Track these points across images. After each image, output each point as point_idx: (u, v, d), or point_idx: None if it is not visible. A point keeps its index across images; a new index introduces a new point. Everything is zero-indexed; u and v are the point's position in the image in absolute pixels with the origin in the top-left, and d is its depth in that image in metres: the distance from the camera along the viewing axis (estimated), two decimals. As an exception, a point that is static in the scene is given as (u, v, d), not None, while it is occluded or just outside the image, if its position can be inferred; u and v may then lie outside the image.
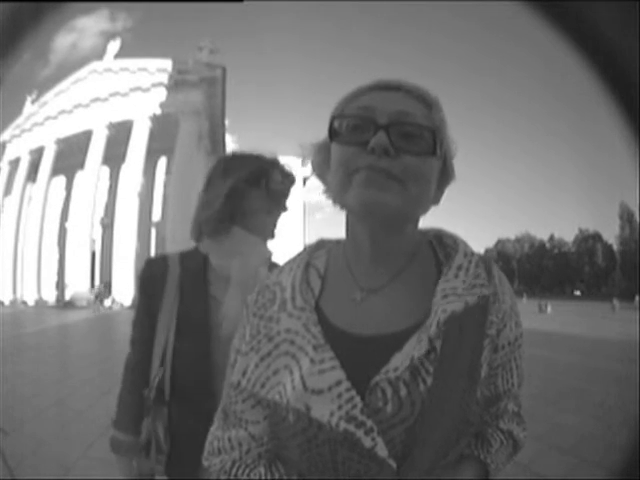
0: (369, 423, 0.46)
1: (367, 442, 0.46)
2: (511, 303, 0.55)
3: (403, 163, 0.48)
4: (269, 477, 0.52)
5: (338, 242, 0.59)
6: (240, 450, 0.55)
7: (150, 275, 1.00)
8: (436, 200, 0.55)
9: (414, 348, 0.48)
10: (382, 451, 0.46)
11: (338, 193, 0.51)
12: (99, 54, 30.03)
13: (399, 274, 0.54)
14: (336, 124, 0.51)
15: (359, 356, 0.50)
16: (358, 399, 0.47)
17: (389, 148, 0.47)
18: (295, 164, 1.48)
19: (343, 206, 0.52)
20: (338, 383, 0.48)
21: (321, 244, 0.62)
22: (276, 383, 0.51)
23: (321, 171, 0.57)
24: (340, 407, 0.47)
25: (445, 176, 0.55)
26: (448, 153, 0.55)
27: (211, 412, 0.72)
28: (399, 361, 0.48)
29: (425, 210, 0.54)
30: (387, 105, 0.50)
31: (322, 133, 0.55)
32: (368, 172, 0.47)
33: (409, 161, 0.48)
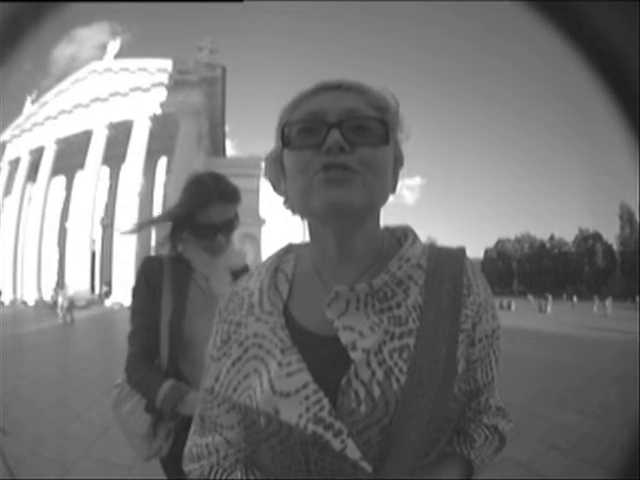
0: (337, 425, 0.46)
1: (336, 444, 0.45)
2: (485, 296, 0.55)
3: (359, 156, 0.48)
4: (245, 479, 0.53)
5: (306, 245, 0.59)
6: (217, 456, 0.55)
7: (151, 269, 1.14)
8: (393, 189, 0.55)
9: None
10: (353, 453, 0.45)
11: (301, 199, 0.50)
12: (99, 55, 30.08)
13: (365, 273, 0.53)
14: (287, 131, 0.51)
15: (329, 357, 0.50)
16: (326, 401, 0.47)
17: (344, 144, 0.47)
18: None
19: (307, 211, 0.51)
20: (305, 385, 0.48)
21: (290, 249, 0.62)
22: (247, 387, 0.51)
23: (277, 182, 0.57)
24: (308, 409, 0.46)
25: (397, 161, 0.56)
26: (398, 138, 0.55)
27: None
28: (357, 356, 0.48)
29: (385, 200, 0.53)
30: (334, 104, 0.50)
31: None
32: (327, 172, 0.48)
33: (364, 153, 0.49)
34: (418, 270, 0.54)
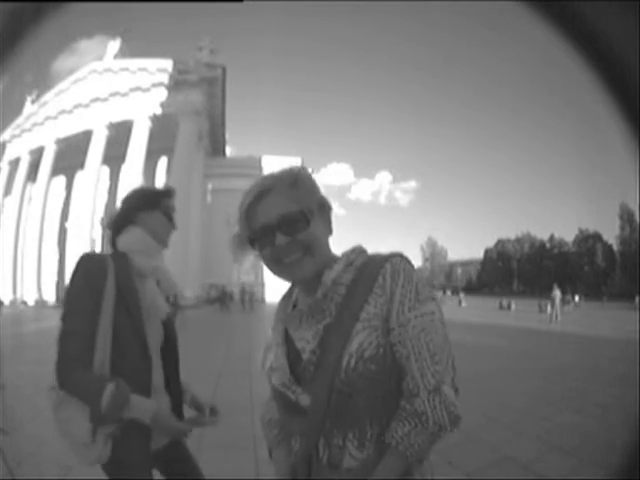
0: (293, 387, 0.77)
1: (292, 397, 0.77)
2: (402, 291, 0.71)
3: (297, 239, 0.74)
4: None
5: None
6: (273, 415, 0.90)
7: (93, 267, 1.11)
8: (330, 231, 0.81)
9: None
10: (304, 401, 0.75)
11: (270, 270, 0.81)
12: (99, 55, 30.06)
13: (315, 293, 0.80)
14: (253, 242, 0.79)
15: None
16: (288, 373, 0.78)
17: (285, 239, 0.74)
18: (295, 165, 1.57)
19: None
20: (282, 366, 0.79)
21: None
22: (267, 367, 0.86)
23: (237, 257, 0.84)
24: (280, 378, 0.79)
25: (325, 210, 0.80)
26: (317, 198, 0.79)
27: (147, 384, 1.08)
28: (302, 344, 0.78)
29: (323, 244, 0.79)
30: (271, 212, 0.75)
31: (322, 133, 0.55)
32: (281, 257, 0.76)
33: (301, 236, 0.75)
34: (341, 286, 0.76)
